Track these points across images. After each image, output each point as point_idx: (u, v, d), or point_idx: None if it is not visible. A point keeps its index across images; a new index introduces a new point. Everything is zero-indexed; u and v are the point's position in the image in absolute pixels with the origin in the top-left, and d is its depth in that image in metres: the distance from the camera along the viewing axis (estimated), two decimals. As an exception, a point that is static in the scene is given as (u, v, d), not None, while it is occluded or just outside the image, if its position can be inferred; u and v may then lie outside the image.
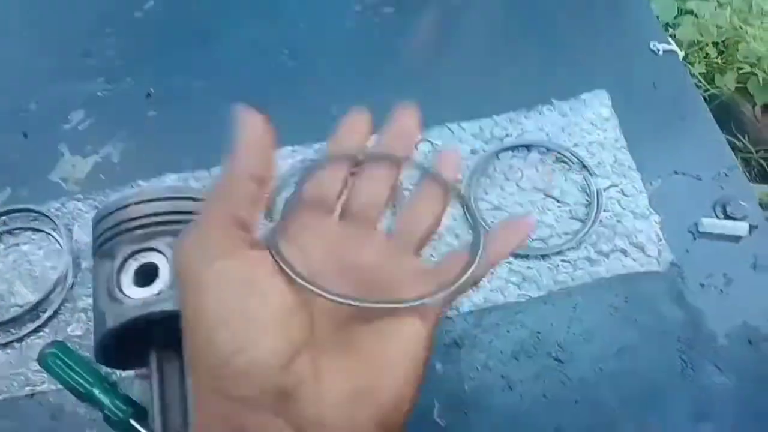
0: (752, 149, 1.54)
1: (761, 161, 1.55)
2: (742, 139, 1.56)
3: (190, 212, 0.49)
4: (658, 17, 1.69)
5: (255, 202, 0.27)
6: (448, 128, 0.63)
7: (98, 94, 0.68)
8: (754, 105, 1.58)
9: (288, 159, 0.61)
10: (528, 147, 0.61)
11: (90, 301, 0.55)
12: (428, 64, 0.67)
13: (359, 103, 0.65)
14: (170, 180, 0.62)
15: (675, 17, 1.69)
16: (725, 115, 1.61)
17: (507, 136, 0.61)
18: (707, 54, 1.63)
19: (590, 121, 0.61)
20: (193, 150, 0.63)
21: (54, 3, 0.75)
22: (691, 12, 1.67)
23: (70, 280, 0.56)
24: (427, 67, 0.67)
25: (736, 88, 1.58)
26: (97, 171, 0.63)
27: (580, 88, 0.63)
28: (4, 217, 0.60)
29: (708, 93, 1.59)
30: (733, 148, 1.58)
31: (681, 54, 0.65)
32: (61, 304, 0.55)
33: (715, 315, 0.53)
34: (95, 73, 0.70)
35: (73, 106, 0.67)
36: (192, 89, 0.68)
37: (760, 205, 1.53)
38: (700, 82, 1.61)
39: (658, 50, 0.65)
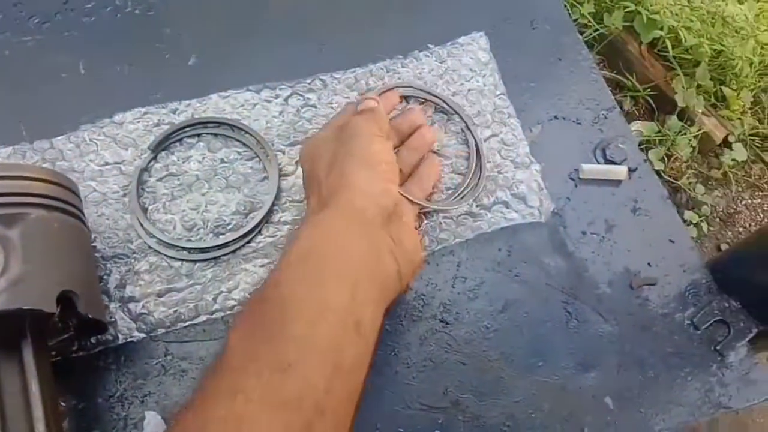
0: (639, 87, 1.59)
1: (648, 98, 1.60)
2: (630, 77, 1.61)
3: (13, 193, 0.42)
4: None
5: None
6: (321, 80, 0.58)
7: None
8: (641, 43, 1.62)
9: (138, 123, 0.54)
10: (406, 98, 0.57)
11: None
12: (295, 8, 0.61)
13: (222, 53, 0.59)
14: (4, 153, 0.53)
15: (564, -45, 1.68)
16: (614, 54, 1.65)
17: (383, 86, 0.57)
18: (596, -8, 1.65)
19: (469, 66, 0.58)
20: (30, 117, 0.55)
21: None
22: (579, -51, 1.67)
23: None
24: (293, 13, 0.61)
25: (624, 26, 1.61)
26: None
27: (457, 31, 0.60)
28: None
29: (597, 32, 1.62)
30: (622, 86, 1.62)
31: (559, -9, 0.62)
32: None
33: (597, 263, 0.52)
34: None
35: None
36: (24, 46, 0.59)
37: (648, 141, 1.57)
38: (590, 21, 1.63)
39: (537, -12, 0.62)
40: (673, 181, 1.56)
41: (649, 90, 1.59)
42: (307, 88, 0.57)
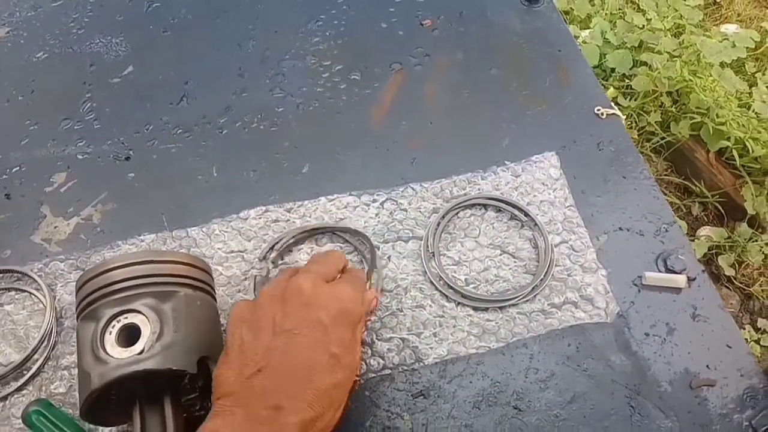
0: (708, 194, 1.62)
1: (717, 205, 1.63)
2: (698, 183, 1.65)
3: (167, 274, 0.52)
4: (614, 70, 1.78)
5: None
6: (412, 188, 0.67)
7: (78, 157, 0.72)
8: (708, 151, 1.67)
9: (260, 219, 0.65)
10: (485, 206, 0.66)
11: (73, 359, 0.57)
12: (390, 128, 0.72)
13: (330, 164, 0.70)
14: (149, 239, 0.65)
15: (630, 68, 1.79)
16: (681, 160, 1.70)
17: (465, 195, 0.66)
18: (662, 103, 1.73)
19: (541, 181, 0.67)
20: (170, 210, 0.67)
21: (37, 71, 0.79)
22: (646, 64, 1.77)
23: (53, 338, 0.59)
24: (389, 132, 0.72)
25: (691, 134, 1.67)
26: (78, 232, 0.66)
27: (531, 150, 0.69)
28: (-13, 278, 0.63)
29: (664, 140, 1.68)
30: (690, 192, 1.66)
31: (623, 117, 0.71)
32: (44, 362, 0.57)
33: (659, 362, 0.57)
34: (76, 136, 0.73)
35: (55, 169, 0.71)
36: (169, 152, 0.72)
37: (717, 247, 1.58)
38: (656, 129, 1.70)
39: (602, 114, 0.71)
40: (745, 288, 1.56)
41: (717, 196, 1.62)
42: (400, 195, 0.67)
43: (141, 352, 0.48)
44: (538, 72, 0.76)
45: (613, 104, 0.71)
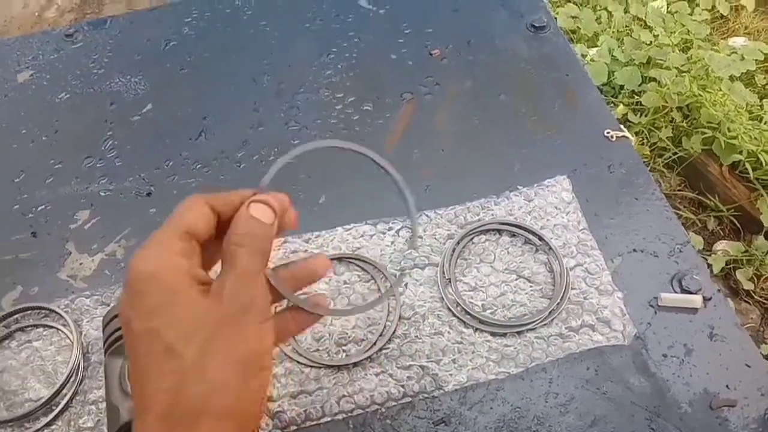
0: (723, 208, 1.62)
1: (732, 218, 1.62)
2: (712, 198, 1.64)
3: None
4: (623, 87, 1.79)
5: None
6: (426, 215, 0.68)
7: (101, 194, 0.74)
8: (721, 165, 1.66)
9: (279, 250, 0.66)
10: (499, 231, 0.67)
11: (100, 393, 0.58)
12: (403, 156, 0.73)
13: (346, 194, 0.71)
14: (171, 274, 0.66)
15: (639, 85, 1.80)
16: (695, 175, 1.70)
17: (479, 221, 0.67)
18: (673, 118, 1.73)
19: (554, 205, 0.68)
20: (192, 244, 0.69)
21: (59, 111, 0.81)
22: (655, 80, 1.78)
23: (80, 373, 0.60)
24: (402, 159, 0.73)
25: (703, 149, 1.67)
26: (102, 268, 0.68)
27: (543, 174, 0.70)
28: (16, 315, 0.64)
29: (677, 155, 1.68)
30: (705, 206, 1.66)
31: (633, 140, 0.72)
32: (72, 397, 0.59)
33: (678, 383, 0.57)
34: (99, 174, 0.75)
35: (79, 207, 0.73)
36: (189, 187, 0.73)
37: (735, 261, 1.57)
38: (668, 145, 1.70)
39: (612, 137, 0.72)
40: (765, 301, 1.54)
41: (733, 210, 1.61)
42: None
43: (168, 386, 0.49)
44: (546, 97, 0.77)
45: (622, 126, 0.72)
